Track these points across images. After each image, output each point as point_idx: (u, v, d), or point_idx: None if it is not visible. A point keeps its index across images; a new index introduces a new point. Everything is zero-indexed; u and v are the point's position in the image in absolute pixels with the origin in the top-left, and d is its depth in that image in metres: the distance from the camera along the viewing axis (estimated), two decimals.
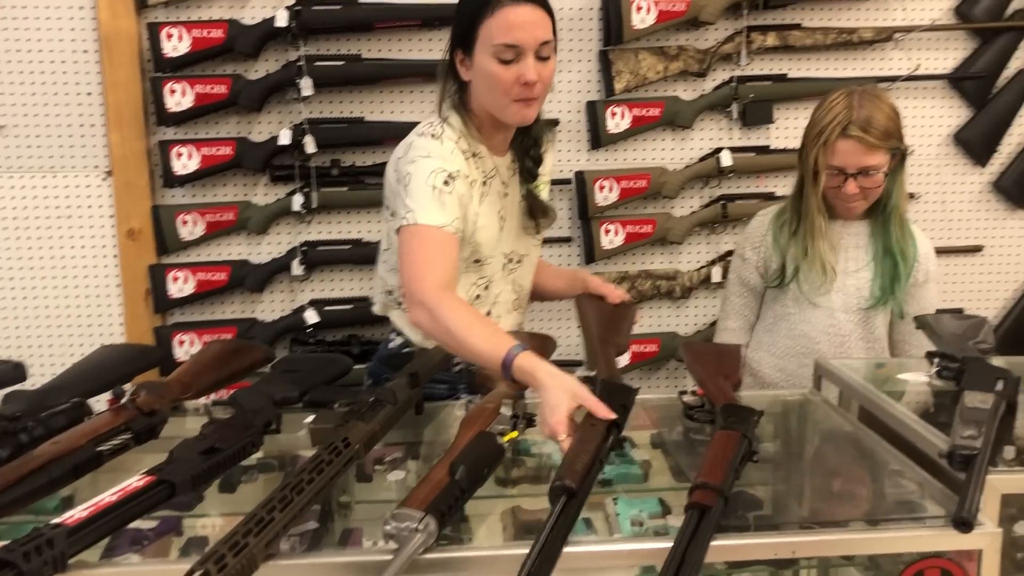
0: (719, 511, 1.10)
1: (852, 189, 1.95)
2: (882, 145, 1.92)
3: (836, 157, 1.93)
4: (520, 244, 1.93)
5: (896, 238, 2.02)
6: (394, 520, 1.05)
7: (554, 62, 1.75)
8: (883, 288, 2.03)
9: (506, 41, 1.66)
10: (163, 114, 2.49)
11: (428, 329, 1.62)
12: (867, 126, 1.90)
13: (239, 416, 1.41)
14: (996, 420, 1.25)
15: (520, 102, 1.71)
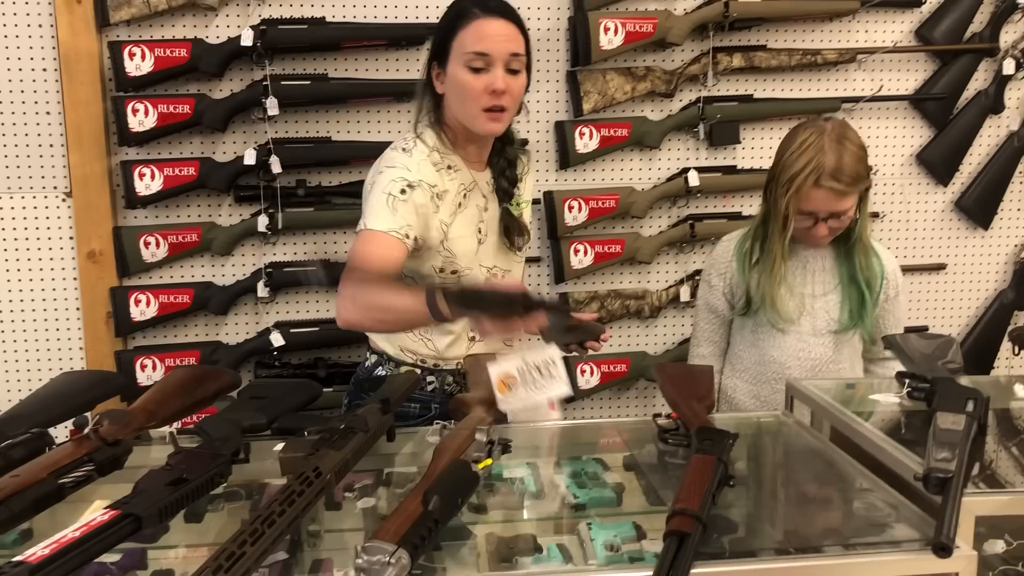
0: (698, 538, 1.09)
1: (823, 232, 1.96)
2: (854, 190, 1.93)
3: (808, 203, 1.93)
4: (502, 260, 1.94)
5: (861, 267, 2.03)
6: (365, 553, 1.02)
7: (524, 78, 1.80)
8: (851, 314, 2.04)
9: (477, 49, 1.72)
10: (125, 134, 2.45)
11: (356, 319, 1.68)
12: (839, 174, 1.89)
13: (206, 445, 1.37)
14: (969, 441, 1.25)
15: (488, 112, 1.76)
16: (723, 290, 2.15)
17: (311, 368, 2.63)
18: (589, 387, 2.79)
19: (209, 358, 2.57)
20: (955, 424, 1.31)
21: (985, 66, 2.87)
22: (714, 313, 2.19)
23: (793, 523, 1.32)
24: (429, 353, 1.92)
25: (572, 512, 1.47)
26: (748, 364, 2.13)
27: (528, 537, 1.40)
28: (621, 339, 2.86)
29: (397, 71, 2.61)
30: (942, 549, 0.97)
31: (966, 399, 1.43)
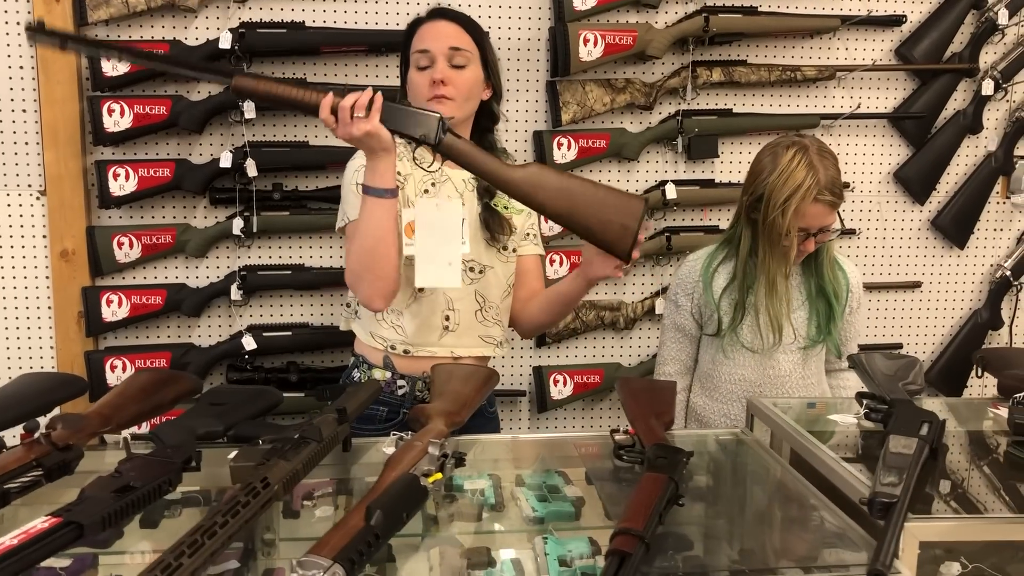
0: (639, 558, 1.09)
1: (810, 247, 1.98)
2: (841, 202, 1.97)
3: (804, 220, 1.94)
4: (480, 253, 1.94)
5: (828, 279, 2.05)
6: (300, 568, 1.02)
7: (473, 73, 1.88)
8: (819, 328, 2.05)
9: (419, 48, 1.88)
10: (100, 134, 2.44)
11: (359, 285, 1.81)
12: (834, 187, 1.94)
13: (158, 452, 1.36)
14: (918, 466, 1.25)
15: (433, 100, 1.84)
16: (691, 310, 2.15)
17: (284, 372, 2.62)
18: (562, 398, 2.78)
19: (180, 360, 2.56)
20: (906, 448, 1.31)
21: (964, 86, 2.88)
22: (681, 332, 2.18)
23: (737, 544, 1.32)
24: (398, 339, 1.92)
25: (531, 526, 1.46)
26: (718, 383, 2.13)
27: (483, 550, 1.40)
28: (595, 350, 2.86)
29: (377, 77, 2.61)
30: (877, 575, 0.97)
31: (921, 422, 1.43)
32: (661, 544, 1.29)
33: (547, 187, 1.67)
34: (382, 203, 1.72)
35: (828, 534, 1.25)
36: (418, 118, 1.67)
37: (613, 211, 1.66)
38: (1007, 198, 2.95)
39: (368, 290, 1.80)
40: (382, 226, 1.74)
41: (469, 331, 1.95)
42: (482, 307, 1.95)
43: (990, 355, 1.87)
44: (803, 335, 2.07)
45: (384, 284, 1.79)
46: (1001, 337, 3.02)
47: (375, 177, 1.70)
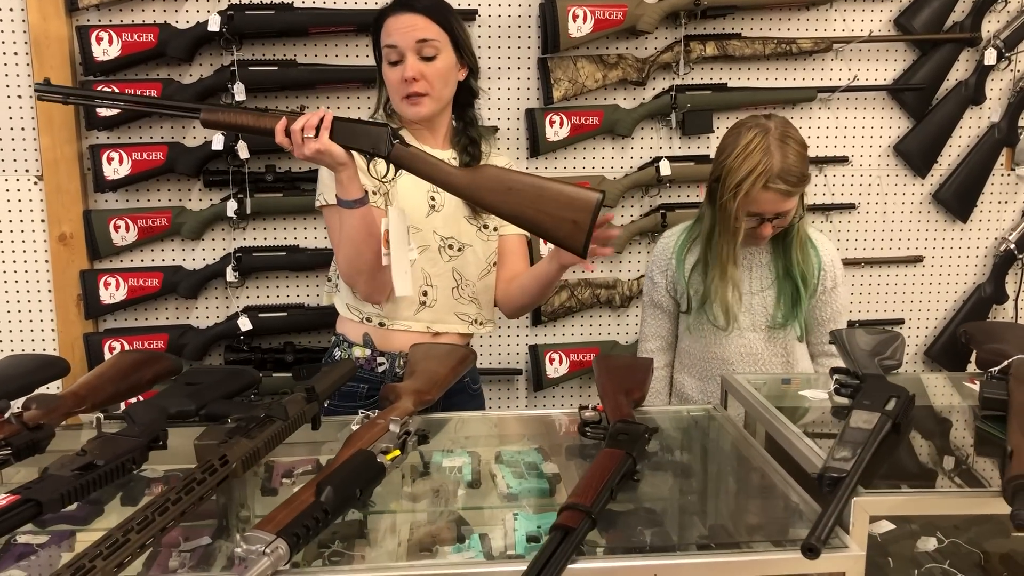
0: (583, 533, 1.09)
1: (767, 232, 1.96)
2: (799, 190, 1.94)
3: (756, 206, 1.92)
4: (460, 232, 1.96)
5: (797, 261, 2.02)
6: (244, 542, 1.03)
7: (445, 61, 1.88)
8: (785, 310, 2.03)
9: (387, 43, 1.88)
10: (93, 118, 2.47)
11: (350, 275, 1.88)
12: (786, 175, 1.89)
13: (127, 431, 1.39)
14: (875, 441, 1.24)
15: (408, 99, 1.87)
16: (666, 287, 2.14)
17: (280, 352, 2.65)
18: (558, 376, 2.79)
19: (178, 341, 2.60)
20: (866, 423, 1.30)
21: (966, 56, 2.83)
22: (660, 309, 2.18)
23: (704, 519, 1.32)
24: (374, 311, 1.95)
25: (504, 502, 1.48)
26: (694, 360, 2.13)
27: (452, 526, 1.41)
28: (591, 328, 2.86)
29: (367, 57, 2.60)
30: (810, 550, 0.96)
31: (888, 397, 1.42)
32: (629, 520, 1.30)
33: (496, 189, 1.71)
34: (354, 213, 1.79)
35: (788, 510, 1.25)
36: (368, 132, 1.74)
37: (565, 207, 1.66)
38: (1011, 170, 2.90)
39: (366, 288, 1.90)
40: (360, 233, 1.81)
41: (445, 308, 1.96)
42: (459, 285, 1.96)
43: (974, 329, 1.84)
44: (769, 315, 2.05)
45: (378, 283, 1.87)
46: (1006, 312, 2.98)
47: (341, 189, 1.78)
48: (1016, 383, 1.41)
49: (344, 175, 1.76)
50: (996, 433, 1.36)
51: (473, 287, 1.98)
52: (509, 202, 1.70)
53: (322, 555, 1.30)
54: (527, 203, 1.69)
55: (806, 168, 1.93)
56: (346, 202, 1.78)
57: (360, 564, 1.25)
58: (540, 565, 1.02)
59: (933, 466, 1.40)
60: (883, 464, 1.29)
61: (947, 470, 1.38)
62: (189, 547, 1.30)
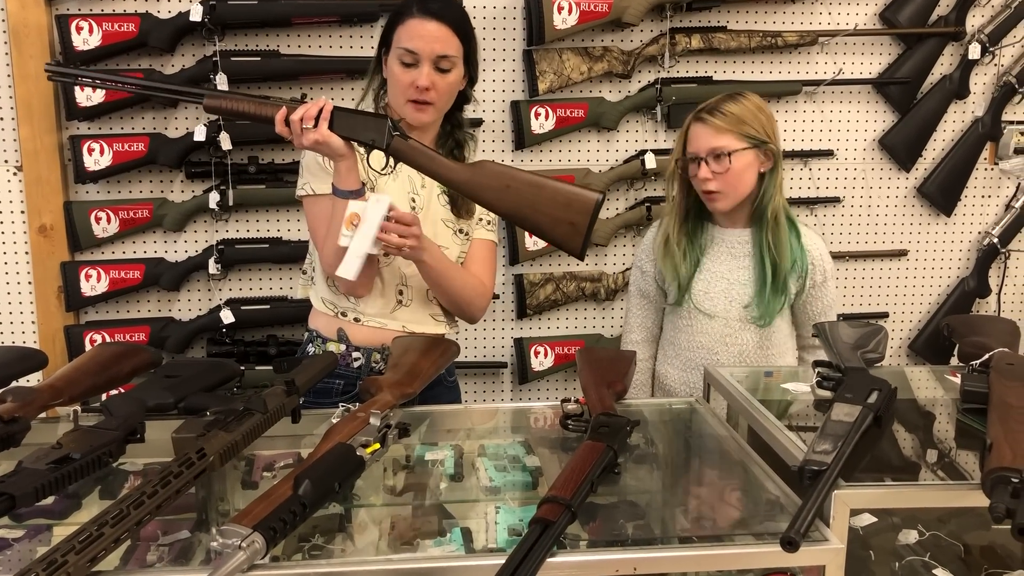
0: (562, 526, 1.09)
1: (704, 173, 1.98)
2: (730, 128, 1.97)
3: (691, 143, 2.01)
4: (437, 235, 1.94)
5: (770, 244, 2.01)
6: (221, 536, 1.02)
7: (456, 75, 1.87)
8: (759, 299, 2.03)
9: (406, 46, 1.82)
10: (73, 108, 2.44)
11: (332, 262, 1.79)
12: (715, 111, 1.98)
13: (104, 423, 1.37)
14: (856, 434, 1.24)
15: (413, 104, 1.84)
16: (654, 276, 2.15)
17: (263, 345, 2.64)
18: (543, 369, 2.78)
19: (160, 334, 2.58)
20: (848, 416, 1.30)
21: (951, 50, 2.83)
22: (646, 299, 2.19)
23: (674, 512, 1.32)
24: (349, 306, 1.93)
25: (486, 495, 1.47)
26: (679, 350, 2.13)
27: (433, 520, 1.41)
28: (576, 321, 2.85)
29: (351, 48, 2.59)
30: (789, 543, 0.96)
31: (870, 390, 1.42)
32: (610, 513, 1.29)
33: (494, 186, 1.70)
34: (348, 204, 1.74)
35: (769, 503, 1.25)
36: (368, 123, 1.73)
37: (562, 208, 1.67)
38: (995, 164, 2.91)
39: (349, 282, 1.82)
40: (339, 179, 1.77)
41: (421, 308, 1.96)
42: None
43: (957, 322, 1.84)
44: (746, 296, 2.05)
45: (364, 277, 1.81)
46: (989, 305, 2.99)
47: (338, 179, 1.76)
48: (997, 376, 1.41)
49: (343, 165, 1.74)
50: (977, 426, 1.37)
51: None
52: (506, 199, 1.70)
53: (302, 549, 1.30)
54: (525, 201, 1.69)
55: (750, 119, 1.98)
56: (342, 192, 1.75)
57: (340, 558, 1.25)
58: (519, 559, 1.02)
59: (914, 459, 1.40)
60: (864, 457, 1.28)
61: (928, 463, 1.38)
62: (168, 541, 1.29)
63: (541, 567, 1.03)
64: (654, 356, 2.20)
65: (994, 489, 1.04)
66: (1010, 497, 1.02)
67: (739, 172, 1.98)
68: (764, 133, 1.99)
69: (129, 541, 1.30)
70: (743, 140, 1.97)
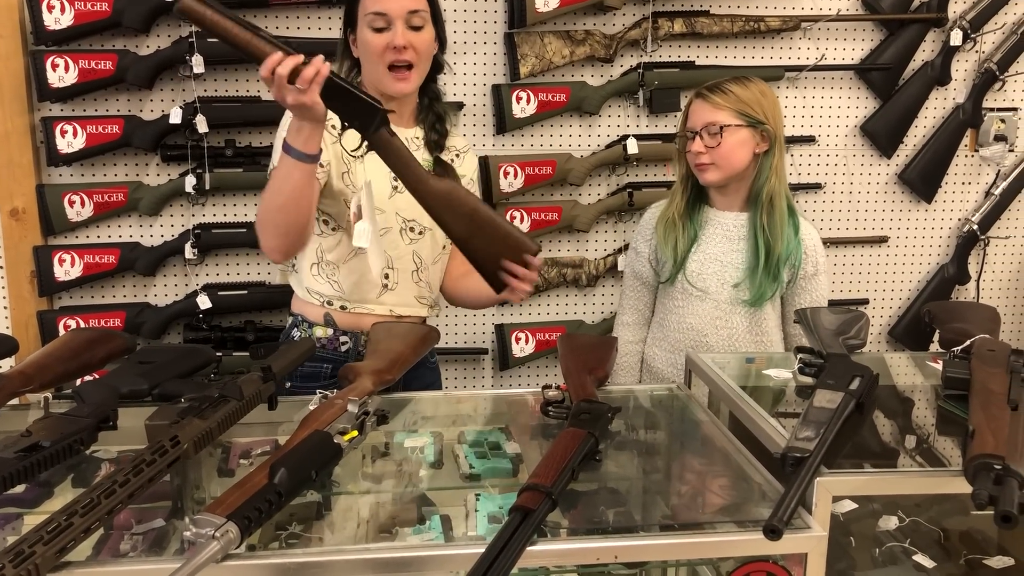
0: (543, 514, 1.07)
1: (696, 146, 2.00)
2: (726, 104, 1.98)
3: (689, 119, 2.03)
4: (421, 215, 1.88)
5: (761, 227, 2.01)
6: (194, 525, 1.00)
7: (429, 33, 1.82)
8: (751, 280, 2.02)
9: (375, 9, 1.77)
10: (45, 89, 2.40)
11: (265, 238, 1.75)
12: (714, 88, 2.00)
13: (76, 410, 1.34)
14: (839, 421, 1.23)
15: (395, 71, 1.80)
16: (649, 256, 2.14)
17: (240, 331, 2.60)
18: (524, 355, 2.77)
19: (135, 320, 2.54)
20: (830, 402, 1.29)
21: (932, 37, 2.83)
22: (640, 280, 2.18)
23: (656, 500, 1.31)
24: (335, 294, 1.90)
25: (466, 482, 1.45)
26: (668, 331, 2.12)
27: (412, 507, 1.39)
28: (558, 307, 2.84)
29: (330, 30, 2.55)
30: (772, 531, 0.95)
31: (852, 376, 1.41)
32: (591, 500, 1.28)
33: (458, 209, 1.71)
34: (301, 166, 1.65)
35: (751, 491, 1.24)
36: (361, 107, 1.62)
37: (504, 248, 1.73)
38: (975, 151, 2.92)
39: (271, 242, 1.77)
40: (297, 188, 1.68)
41: (407, 291, 1.93)
42: (418, 268, 1.93)
43: (937, 308, 1.84)
44: (737, 276, 2.05)
45: (285, 241, 1.76)
46: (968, 292, 3.00)
47: (299, 140, 1.63)
48: (978, 362, 1.41)
49: (311, 129, 1.62)
50: (958, 412, 1.36)
51: (429, 271, 1.96)
52: (464, 225, 1.71)
53: (279, 537, 1.28)
54: (478, 233, 1.72)
55: (751, 98, 1.99)
56: (299, 153, 1.63)
57: (317, 546, 1.23)
58: (499, 547, 1.00)
59: (896, 446, 1.39)
60: (846, 444, 1.28)
61: (909, 450, 1.38)
62: (142, 530, 1.27)
63: (522, 555, 1.01)
64: (644, 340, 2.19)
65: (976, 476, 1.03)
66: (993, 484, 1.01)
67: (731, 147, 1.98)
68: (763, 114, 1.99)
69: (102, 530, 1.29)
70: (739, 117, 1.98)
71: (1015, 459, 1.05)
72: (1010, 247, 2.98)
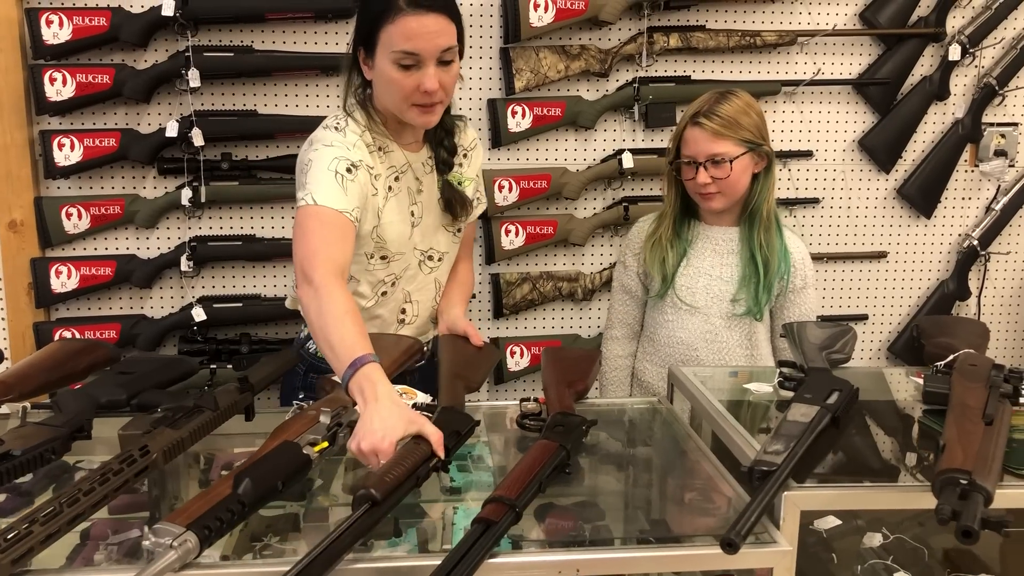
0: (505, 527, 1.07)
1: (703, 178, 1.98)
2: (728, 133, 1.96)
3: (687, 147, 2.00)
4: (438, 241, 1.91)
5: (760, 243, 2.01)
6: (153, 535, 1.00)
7: (457, 64, 1.73)
8: (747, 296, 2.02)
9: (405, 48, 1.63)
10: (43, 103, 2.42)
11: (307, 308, 1.54)
12: (711, 114, 1.97)
13: (53, 419, 1.35)
14: (811, 435, 1.22)
15: (419, 107, 1.70)
16: (637, 270, 2.15)
17: (235, 344, 2.61)
18: (519, 369, 2.76)
19: (131, 332, 2.55)
20: (804, 416, 1.29)
21: (931, 51, 2.81)
22: (628, 295, 2.18)
23: (625, 514, 1.30)
24: None
25: (446, 495, 1.45)
26: (658, 346, 2.11)
27: (389, 520, 1.38)
28: (554, 321, 2.83)
29: (326, 45, 2.57)
30: (729, 545, 0.94)
31: (831, 391, 1.40)
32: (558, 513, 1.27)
33: None
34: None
35: (723, 506, 1.23)
36: None
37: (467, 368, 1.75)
38: (975, 166, 2.89)
39: None
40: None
41: (425, 318, 1.93)
42: (437, 291, 1.94)
43: (927, 323, 1.83)
44: (732, 301, 2.04)
45: None
46: (969, 308, 2.97)
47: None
48: (959, 377, 1.39)
49: None
50: (936, 427, 1.35)
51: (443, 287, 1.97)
52: None
53: (253, 548, 1.28)
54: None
55: (745, 122, 1.97)
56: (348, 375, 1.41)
57: (290, 557, 1.22)
58: (456, 559, 1.00)
59: (872, 460, 1.38)
60: (820, 458, 1.27)
61: (886, 464, 1.36)
62: (117, 540, 1.27)
63: (479, 568, 1.01)
64: (634, 354, 2.19)
65: (942, 490, 1.02)
66: (958, 499, 1.00)
67: (737, 175, 1.99)
68: (759, 135, 1.99)
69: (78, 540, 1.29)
70: (741, 145, 1.97)
71: (983, 474, 1.04)
72: (1011, 263, 2.96)
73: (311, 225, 1.61)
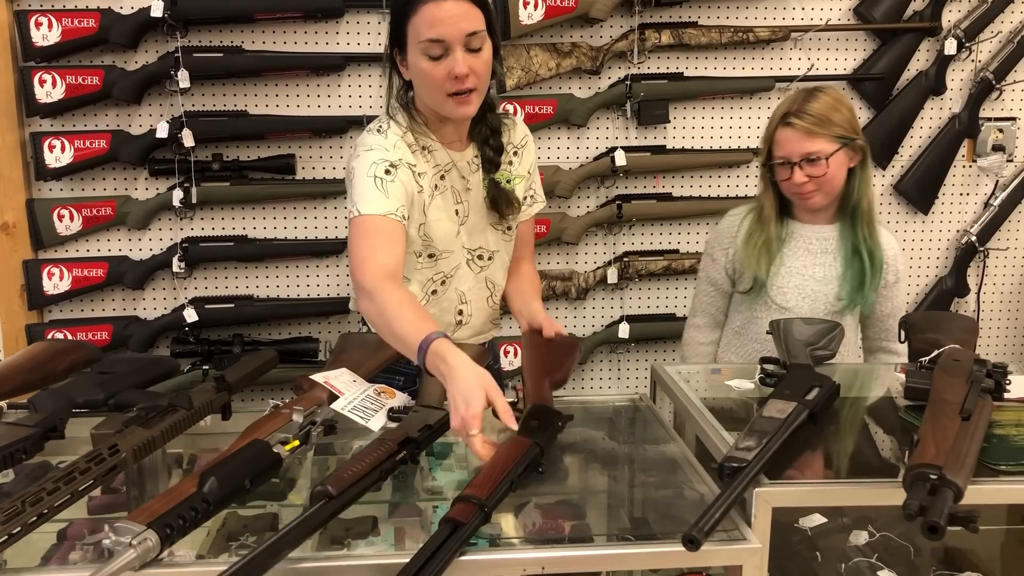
0: (474, 527, 1.06)
1: (799, 178, 1.95)
2: (820, 131, 1.94)
3: (780, 148, 1.97)
4: (487, 240, 1.88)
5: (863, 237, 2.00)
6: (113, 532, 1.00)
7: (489, 51, 1.70)
8: (852, 291, 2.01)
9: (430, 36, 1.64)
10: (33, 105, 2.42)
11: (368, 315, 1.61)
12: (801, 113, 1.94)
13: (26, 419, 1.35)
14: (786, 431, 1.21)
15: (456, 97, 1.69)
16: (725, 265, 2.12)
17: (228, 345, 2.61)
18: (513, 368, 2.75)
19: (123, 333, 2.56)
20: (780, 412, 1.27)
21: (926, 46, 2.79)
22: (713, 286, 2.16)
23: (594, 511, 1.29)
24: None
25: (428, 495, 1.44)
26: (746, 341, 2.10)
27: (367, 520, 1.38)
28: None
29: (316, 44, 2.57)
30: (690, 541, 0.93)
31: (811, 387, 1.39)
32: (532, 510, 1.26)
33: None
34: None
35: (695, 502, 1.22)
36: None
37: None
38: (973, 161, 2.87)
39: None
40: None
41: (481, 319, 1.90)
42: (492, 292, 1.91)
43: (915, 319, 1.81)
44: (832, 300, 2.03)
45: None
46: (968, 305, 2.95)
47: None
48: (940, 373, 1.38)
49: None
50: (915, 422, 1.33)
51: (501, 288, 1.93)
52: None
53: (229, 548, 1.27)
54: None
55: (837, 118, 1.95)
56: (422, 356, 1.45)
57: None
58: (423, 559, 0.99)
59: (849, 456, 1.36)
60: (797, 455, 1.25)
61: (863, 460, 1.35)
62: (93, 540, 1.27)
63: (447, 568, 1.00)
64: (716, 341, 2.18)
65: (912, 486, 1.01)
66: (927, 494, 0.98)
67: (834, 171, 1.96)
68: (851, 129, 1.97)
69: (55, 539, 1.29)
70: (834, 141, 1.95)
71: (955, 469, 1.02)
72: (1010, 259, 2.93)
73: (357, 237, 1.67)
